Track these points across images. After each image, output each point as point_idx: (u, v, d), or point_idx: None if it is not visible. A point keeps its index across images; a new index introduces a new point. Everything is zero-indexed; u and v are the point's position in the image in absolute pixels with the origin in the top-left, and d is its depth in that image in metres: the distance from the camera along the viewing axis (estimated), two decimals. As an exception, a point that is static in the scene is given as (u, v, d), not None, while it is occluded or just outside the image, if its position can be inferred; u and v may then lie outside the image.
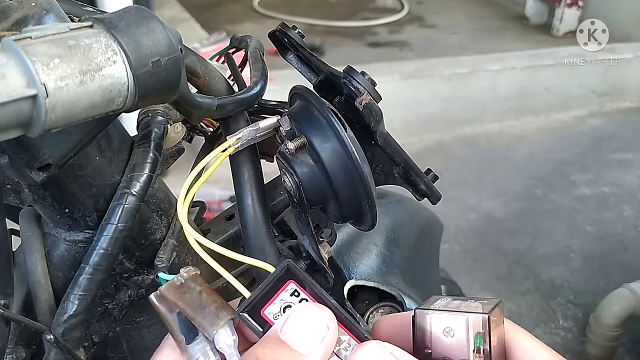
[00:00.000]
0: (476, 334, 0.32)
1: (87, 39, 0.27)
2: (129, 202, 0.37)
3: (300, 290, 0.33)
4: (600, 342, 1.53)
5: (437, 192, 0.42)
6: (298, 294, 0.33)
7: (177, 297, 0.34)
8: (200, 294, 0.34)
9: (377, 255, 0.68)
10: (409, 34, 3.42)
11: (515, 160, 2.56)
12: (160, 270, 0.38)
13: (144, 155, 0.39)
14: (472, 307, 0.34)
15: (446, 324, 0.33)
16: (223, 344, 0.33)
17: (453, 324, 0.33)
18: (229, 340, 0.33)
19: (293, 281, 0.33)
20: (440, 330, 0.33)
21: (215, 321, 0.33)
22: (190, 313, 0.33)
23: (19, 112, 0.25)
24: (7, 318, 0.34)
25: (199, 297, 0.34)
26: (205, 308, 0.33)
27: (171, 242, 0.41)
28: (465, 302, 0.35)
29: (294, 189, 0.38)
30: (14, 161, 0.33)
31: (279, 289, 0.33)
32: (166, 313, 0.34)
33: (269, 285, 0.33)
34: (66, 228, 0.40)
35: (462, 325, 0.33)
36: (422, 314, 0.34)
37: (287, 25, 0.44)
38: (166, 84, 0.30)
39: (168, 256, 0.40)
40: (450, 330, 0.33)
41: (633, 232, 2.12)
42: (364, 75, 0.38)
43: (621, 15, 3.16)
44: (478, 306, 0.34)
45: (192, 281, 0.35)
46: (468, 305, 0.34)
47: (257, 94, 0.40)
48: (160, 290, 0.35)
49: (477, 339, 0.32)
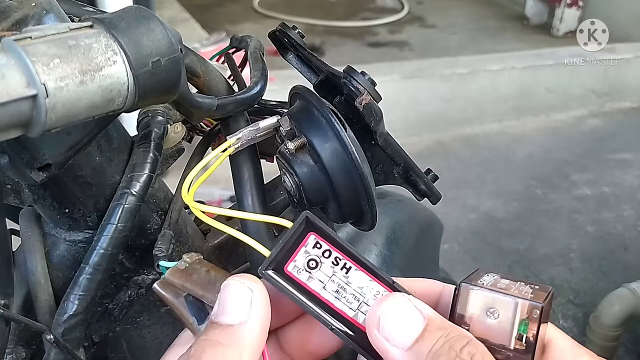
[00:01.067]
0: (521, 320, 0.31)
1: (87, 39, 0.27)
2: (129, 202, 0.37)
3: (322, 242, 0.32)
4: (601, 342, 1.53)
5: (437, 192, 0.42)
6: (320, 246, 0.32)
7: (184, 280, 0.34)
8: (208, 272, 0.34)
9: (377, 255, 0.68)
10: (409, 34, 3.42)
11: (515, 160, 2.56)
12: (160, 259, 0.37)
13: (144, 155, 0.39)
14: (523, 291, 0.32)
15: (491, 303, 0.31)
16: None
17: (499, 305, 0.31)
18: None
19: (314, 233, 0.32)
20: (484, 309, 0.31)
21: None
22: (200, 292, 0.33)
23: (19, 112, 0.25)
24: (7, 318, 0.34)
25: (208, 275, 0.34)
26: (215, 284, 0.33)
27: (168, 233, 0.41)
28: (515, 283, 0.33)
29: (294, 189, 0.38)
30: (14, 161, 0.33)
31: (300, 242, 0.32)
32: (173, 299, 0.34)
33: (289, 240, 0.32)
34: (66, 228, 0.40)
35: (510, 309, 0.31)
36: (467, 288, 0.32)
37: (287, 25, 0.44)
38: (166, 84, 0.30)
39: (167, 246, 0.40)
40: (494, 312, 0.31)
41: (633, 232, 2.12)
42: (364, 75, 0.38)
43: (621, 15, 3.16)
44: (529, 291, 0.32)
45: (197, 264, 0.35)
46: (518, 288, 0.32)
47: (257, 94, 0.40)
48: (165, 277, 0.34)
49: (521, 325, 0.30)
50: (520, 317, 0.31)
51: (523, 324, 0.30)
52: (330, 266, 0.32)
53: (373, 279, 0.32)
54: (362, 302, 0.32)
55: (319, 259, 0.32)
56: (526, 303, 0.31)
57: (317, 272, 0.32)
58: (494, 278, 0.33)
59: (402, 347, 0.30)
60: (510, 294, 0.31)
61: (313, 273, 0.32)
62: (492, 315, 0.31)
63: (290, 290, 0.32)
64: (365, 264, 0.32)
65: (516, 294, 0.31)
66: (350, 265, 0.32)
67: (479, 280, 0.33)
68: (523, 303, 0.31)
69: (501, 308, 0.31)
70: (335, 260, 0.32)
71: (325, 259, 0.32)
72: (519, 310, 0.31)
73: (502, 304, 0.31)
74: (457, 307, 0.32)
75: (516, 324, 0.31)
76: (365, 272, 0.32)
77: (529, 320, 0.30)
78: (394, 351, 0.30)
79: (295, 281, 0.32)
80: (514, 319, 0.31)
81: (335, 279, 0.32)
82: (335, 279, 0.32)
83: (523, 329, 0.30)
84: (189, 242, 0.46)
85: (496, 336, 0.31)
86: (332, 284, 0.32)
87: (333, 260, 0.32)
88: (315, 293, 0.32)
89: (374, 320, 0.31)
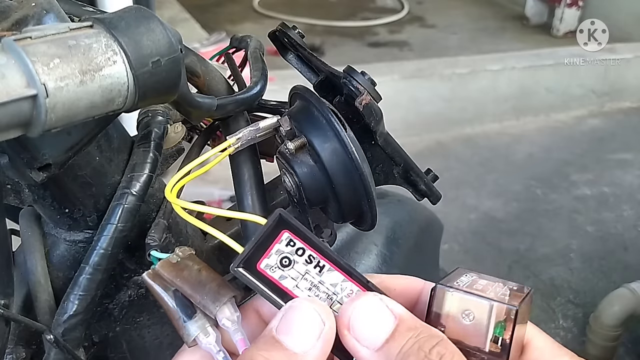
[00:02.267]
0: (497, 323, 0.30)
1: (87, 39, 0.27)
2: (129, 202, 0.37)
3: (296, 240, 0.32)
4: (601, 342, 1.53)
5: (437, 192, 0.42)
6: (294, 244, 0.32)
7: (174, 275, 0.33)
8: (200, 271, 0.33)
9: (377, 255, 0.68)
10: (409, 33, 3.41)
11: (515, 160, 2.56)
12: (152, 249, 0.37)
13: (144, 155, 0.39)
14: (499, 293, 0.31)
15: (466, 306, 0.31)
16: (226, 320, 0.32)
17: (474, 307, 0.31)
18: (232, 317, 0.33)
19: (287, 231, 0.32)
20: (460, 311, 0.31)
21: (217, 298, 0.32)
22: (189, 291, 0.33)
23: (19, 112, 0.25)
24: (7, 318, 0.34)
25: (199, 274, 0.33)
26: (205, 285, 0.33)
27: (162, 222, 0.41)
28: (493, 284, 0.32)
29: (294, 189, 0.38)
30: (14, 161, 0.33)
31: (273, 240, 0.32)
32: (161, 291, 0.33)
33: (262, 237, 0.32)
34: (66, 228, 0.40)
35: (485, 312, 0.30)
36: (443, 289, 0.32)
37: (287, 25, 0.44)
38: (166, 84, 0.30)
39: (160, 235, 0.39)
40: (469, 314, 0.31)
41: (633, 232, 2.12)
42: (364, 75, 0.38)
43: (621, 15, 3.16)
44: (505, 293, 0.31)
45: (189, 260, 0.34)
46: (495, 290, 0.32)
47: (257, 94, 0.40)
48: (155, 268, 0.34)
49: (497, 328, 0.30)
50: (495, 319, 0.30)
51: (499, 327, 0.30)
52: (304, 264, 0.32)
53: (347, 278, 0.32)
54: (336, 301, 0.32)
55: (292, 257, 0.32)
56: (502, 306, 0.30)
57: (290, 270, 0.32)
58: (472, 278, 0.33)
59: (372, 348, 0.30)
60: (486, 297, 0.31)
61: (286, 271, 0.32)
62: (467, 317, 0.31)
63: (262, 287, 0.32)
64: (339, 263, 0.32)
65: (492, 297, 0.31)
66: (324, 264, 0.32)
67: (457, 280, 0.33)
68: (498, 306, 0.30)
69: (476, 310, 0.31)
70: (308, 258, 0.32)
71: (298, 257, 0.32)
72: (494, 313, 0.30)
73: (478, 307, 0.31)
74: (433, 308, 0.32)
75: (491, 326, 0.30)
76: (340, 271, 0.32)
77: (505, 322, 0.30)
78: (364, 351, 0.30)
79: (268, 279, 0.32)
80: (489, 321, 0.30)
81: (309, 277, 0.32)
82: (309, 277, 0.32)
83: (499, 331, 0.30)
84: (189, 242, 0.46)
85: (472, 338, 0.31)
86: (305, 282, 0.32)
87: (307, 258, 0.32)
88: (288, 291, 0.32)
89: (344, 320, 0.31)
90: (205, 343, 0.33)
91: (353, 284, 0.32)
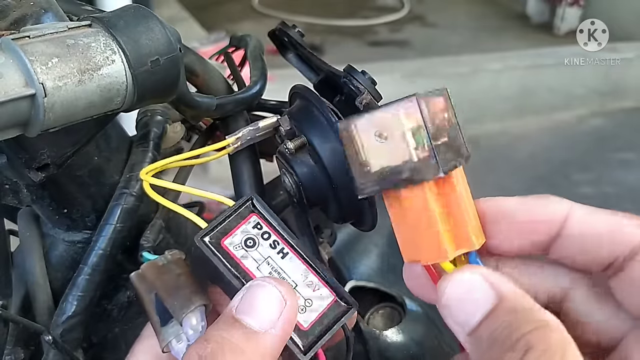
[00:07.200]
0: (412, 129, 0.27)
1: (85, 38, 0.27)
2: (127, 203, 0.37)
3: (263, 224, 0.33)
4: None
5: (438, 192, 0.42)
6: (261, 227, 0.33)
7: (155, 277, 0.33)
8: (179, 277, 0.33)
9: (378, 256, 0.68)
10: (409, 32, 3.41)
11: (516, 160, 2.56)
12: (144, 250, 0.36)
13: (142, 155, 0.39)
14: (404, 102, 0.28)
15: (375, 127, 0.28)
16: (189, 329, 0.32)
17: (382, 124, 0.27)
18: (196, 326, 0.32)
19: (256, 214, 0.33)
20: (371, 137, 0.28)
21: (186, 304, 0.32)
22: (164, 294, 0.32)
23: (17, 112, 0.25)
24: (6, 319, 0.34)
25: (177, 279, 0.33)
26: (179, 291, 0.32)
27: (159, 223, 0.41)
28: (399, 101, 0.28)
29: (294, 189, 0.37)
30: (12, 161, 0.33)
31: (241, 220, 0.33)
32: (144, 293, 0.33)
33: (229, 216, 0.33)
34: (65, 228, 0.40)
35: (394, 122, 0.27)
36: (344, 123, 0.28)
37: (286, 24, 0.44)
38: (165, 84, 0.29)
39: (154, 236, 0.39)
40: (381, 134, 0.28)
41: (634, 232, 2.11)
42: (365, 75, 0.38)
43: (623, 14, 3.15)
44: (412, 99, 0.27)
45: (174, 264, 0.34)
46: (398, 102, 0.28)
47: (256, 93, 0.40)
48: (141, 269, 0.34)
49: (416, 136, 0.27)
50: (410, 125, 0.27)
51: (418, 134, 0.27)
52: (268, 248, 0.33)
53: (308, 269, 0.32)
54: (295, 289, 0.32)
55: (257, 239, 0.33)
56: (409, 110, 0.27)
57: (253, 251, 0.32)
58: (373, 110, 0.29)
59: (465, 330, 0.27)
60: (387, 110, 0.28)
61: (249, 251, 0.32)
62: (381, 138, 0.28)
63: (223, 263, 0.31)
64: (301, 253, 0.33)
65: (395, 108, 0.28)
66: (288, 251, 0.33)
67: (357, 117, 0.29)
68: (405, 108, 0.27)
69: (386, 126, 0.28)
70: (273, 243, 0.33)
71: (263, 240, 0.33)
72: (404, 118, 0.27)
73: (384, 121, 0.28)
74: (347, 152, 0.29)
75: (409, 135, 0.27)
76: (302, 261, 0.33)
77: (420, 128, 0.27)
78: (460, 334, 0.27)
79: (230, 255, 0.32)
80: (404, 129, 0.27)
81: (271, 261, 0.32)
82: (271, 262, 0.32)
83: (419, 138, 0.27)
84: (188, 243, 0.45)
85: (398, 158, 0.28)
86: (267, 266, 0.32)
87: (271, 242, 0.33)
88: (249, 271, 0.32)
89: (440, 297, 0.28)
90: (176, 350, 0.32)
91: (313, 275, 0.32)
